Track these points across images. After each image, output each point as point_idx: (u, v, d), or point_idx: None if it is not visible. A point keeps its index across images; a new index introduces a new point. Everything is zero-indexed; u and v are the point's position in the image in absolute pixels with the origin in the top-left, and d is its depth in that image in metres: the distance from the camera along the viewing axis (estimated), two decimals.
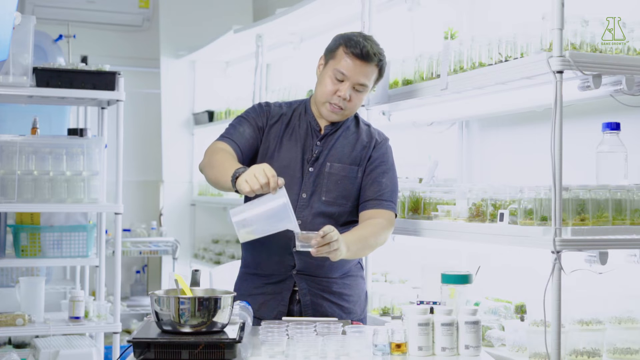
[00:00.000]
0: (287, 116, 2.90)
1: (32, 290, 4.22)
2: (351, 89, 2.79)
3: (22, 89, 3.96)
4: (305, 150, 2.86)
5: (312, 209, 2.80)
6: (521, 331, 2.67)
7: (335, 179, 2.83)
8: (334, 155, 2.85)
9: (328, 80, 2.80)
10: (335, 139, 2.88)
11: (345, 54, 2.78)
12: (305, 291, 2.82)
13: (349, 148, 2.88)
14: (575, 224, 2.41)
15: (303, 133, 2.87)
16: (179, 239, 6.37)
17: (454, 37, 3.27)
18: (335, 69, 2.78)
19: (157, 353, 2.15)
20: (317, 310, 2.81)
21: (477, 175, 3.71)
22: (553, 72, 2.41)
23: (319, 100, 2.85)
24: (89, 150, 4.16)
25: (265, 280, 2.85)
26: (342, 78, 2.78)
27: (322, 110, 2.85)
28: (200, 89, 6.82)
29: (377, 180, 2.86)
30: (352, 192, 2.85)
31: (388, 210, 2.83)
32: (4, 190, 3.99)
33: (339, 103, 2.80)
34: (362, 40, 2.79)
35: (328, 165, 2.84)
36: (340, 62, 2.78)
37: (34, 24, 3.96)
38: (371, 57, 2.78)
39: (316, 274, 2.83)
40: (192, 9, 6.70)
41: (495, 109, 3.37)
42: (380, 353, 2.27)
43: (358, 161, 2.87)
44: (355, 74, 2.77)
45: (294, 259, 2.80)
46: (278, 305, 2.82)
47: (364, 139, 2.91)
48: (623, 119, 2.70)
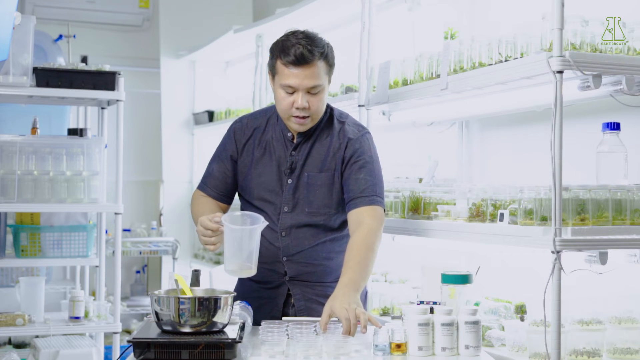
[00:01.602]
0: (261, 129, 2.83)
1: (32, 290, 4.22)
2: (306, 95, 2.67)
3: (22, 89, 3.96)
4: (281, 162, 2.78)
5: (296, 221, 2.76)
6: (521, 331, 2.67)
7: (314, 188, 2.75)
8: (310, 164, 2.77)
9: (281, 96, 2.70)
10: (310, 146, 2.79)
11: (284, 65, 2.66)
12: (299, 296, 2.80)
13: (323, 154, 2.78)
14: (575, 224, 2.41)
15: (277, 144, 2.80)
16: (179, 239, 6.37)
17: (454, 37, 3.27)
18: (282, 84, 2.68)
19: (157, 353, 2.16)
20: (312, 315, 2.76)
21: (477, 175, 3.71)
22: (553, 72, 2.41)
23: (282, 117, 2.76)
24: (89, 150, 4.16)
25: (260, 286, 2.84)
26: (291, 90, 2.67)
27: (289, 124, 2.75)
28: (200, 89, 6.82)
29: (355, 177, 2.73)
30: (334, 199, 2.77)
31: (372, 206, 2.69)
32: (4, 190, 3.99)
33: (300, 114, 2.70)
34: (296, 44, 2.64)
35: (306, 176, 2.76)
36: (284, 76, 2.67)
37: (34, 24, 3.96)
38: (310, 58, 2.63)
39: (309, 280, 2.80)
40: (192, 9, 6.70)
41: (495, 109, 3.37)
42: (381, 353, 2.27)
43: (333, 166, 2.77)
44: (301, 81, 2.65)
45: (284, 267, 2.79)
46: (272, 310, 2.80)
47: (336, 142, 2.79)
48: (623, 119, 2.70)
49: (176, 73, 6.76)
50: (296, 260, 2.79)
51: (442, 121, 3.79)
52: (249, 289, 2.85)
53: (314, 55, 2.64)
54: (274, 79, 2.74)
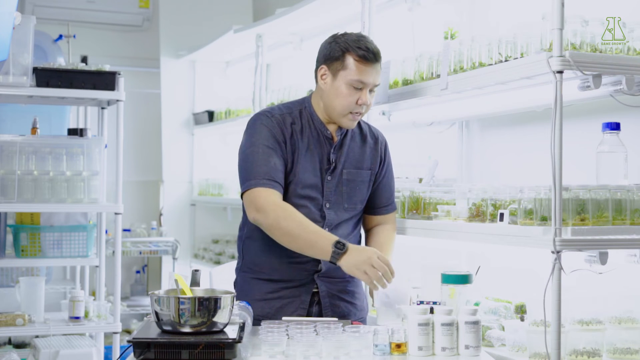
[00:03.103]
0: (298, 126, 2.78)
1: (32, 290, 4.23)
2: (368, 92, 2.74)
3: (22, 89, 3.97)
4: (322, 160, 2.80)
5: (338, 217, 2.81)
6: (521, 331, 2.67)
7: (353, 185, 2.82)
8: (348, 162, 2.84)
9: (346, 92, 2.71)
10: (347, 144, 2.85)
11: (357, 60, 2.69)
12: (325, 293, 2.82)
13: (359, 152, 2.87)
14: (575, 224, 2.41)
15: (316, 142, 2.80)
16: (179, 239, 6.37)
17: (454, 37, 3.27)
18: (352, 79, 2.69)
19: (157, 353, 2.16)
20: (335, 311, 2.82)
21: (477, 175, 3.71)
22: (553, 72, 2.40)
23: (339, 113, 2.74)
24: (89, 150, 4.16)
25: (282, 285, 2.80)
26: (361, 86, 2.71)
27: (343, 121, 2.77)
28: (200, 89, 6.81)
29: (389, 185, 2.94)
30: (366, 195, 2.89)
31: (394, 212, 2.99)
32: (4, 190, 4.00)
33: (360, 110, 2.74)
34: (364, 41, 2.73)
35: (345, 173, 2.82)
36: (355, 71, 2.69)
37: (34, 24, 3.96)
38: (378, 56, 2.74)
39: (335, 275, 2.83)
40: (192, 9, 6.70)
41: (495, 109, 3.37)
42: (380, 353, 2.27)
43: (369, 164, 2.88)
44: (372, 77, 2.72)
45: (322, 264, 2.79)
46: (297, 308, 2.78)
47: (370, 141, 2.91)
48: (623, 119, 2.70)
49: (176, 73, 6.76)
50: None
51: (442, 121, 3.79)
52: (264, 290, 2.80)
53: (380, 56, 2.75)
54: (334, 74, 2.73)
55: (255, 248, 2.84)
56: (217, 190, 6.23)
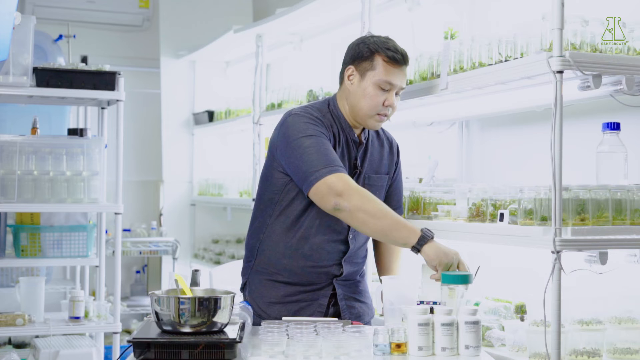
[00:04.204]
0: (333, 128, 2.77)
1: (32, 290, 4.23)
2: (395, 95, 2.75)
3: (22, 89, 3.97)
4: (350, 164, 2.80)
5: None
6: (521, 331, 2.67)
7: (373, 190, 2.77)
8: (367, 166, 2.84)
9: (373, 92, 2.71)
10: (369, 148, 2.86)
11: (387, 62, 2.70)
12: (342, 296, 2.83)
13: (378, 156, 2.88)
14: (575, 224, 2.41)
15: (344, 145, 2.79)
16: (179, 239, 6.37)
17: (454, 37, 3.27)
18: (381, 80, 2.70)
19: (157, 353, 2.16)
20: (351, 312, 2.84)
21: (477, 175, 3.71)
22: (553, 72, 2.40)
23: (365, 114, 2.74)
24: (89, 150, 4.16)
25: (300, 289, 2.79)
26: (389, 88, 2.71)
27: (369, 122, 2.76)
28: (200, 89, 6.82)
29: (399, 188, 2.96)
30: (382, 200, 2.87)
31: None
32: (4, 190, 4.00)
33: (386, 112, 2.74)
34: (393, 43, 2.74)
35: (365, 177, 2.82)
36: (384, 72, 2.70)
37: (34, 24, 3.97)
38: (408, 59, 2.75)
39: (352, 278, 2.86)
40: (192, 9, 6.70)
41: (495, 109, 3.37)
42: (381, 353, 2.27)
43: (387, 169, 2.90)
44: (400, 80, 2.73)
45: (342, 268, 2.81)
46: (314, 312, 2.78)
47: (387, 145, 2.92)
48: (623, 119, 2.70)
49: (176, 73, 6.76)
50: (351, 261, 2.84)
51: (442, 121, 3.79)
52: (283, 293, 2.78)
53: (407, 59, 2.76)
54: (362, 75, 2.73)
55: (275, 251, 2.79)
56: (217, 190, 6.23)
